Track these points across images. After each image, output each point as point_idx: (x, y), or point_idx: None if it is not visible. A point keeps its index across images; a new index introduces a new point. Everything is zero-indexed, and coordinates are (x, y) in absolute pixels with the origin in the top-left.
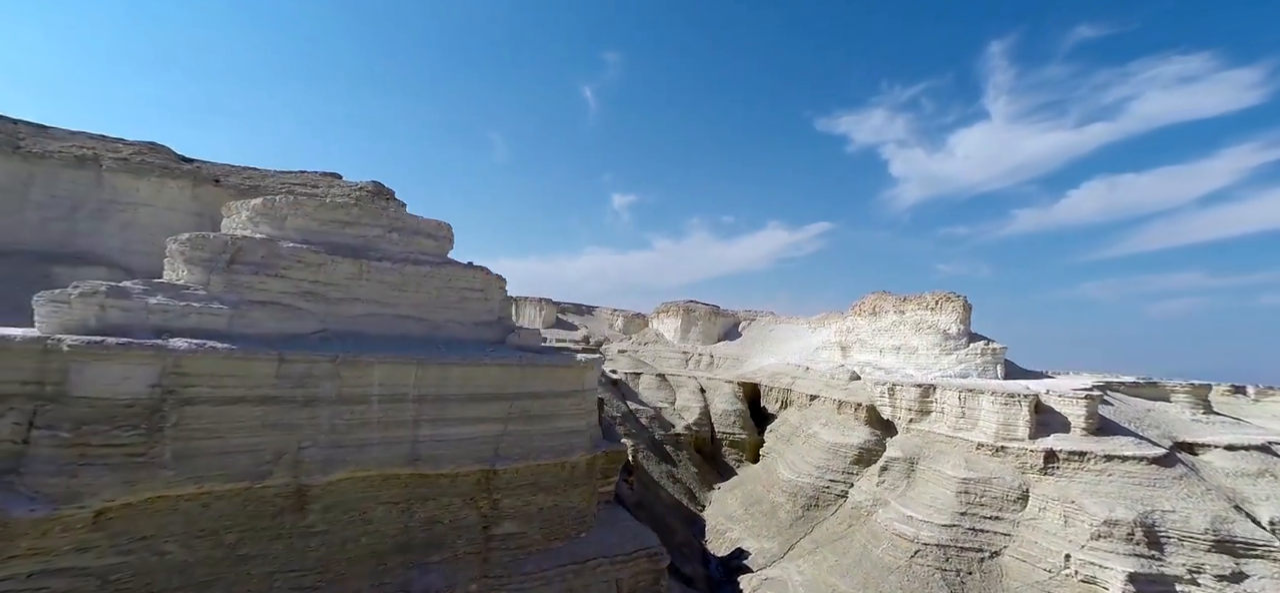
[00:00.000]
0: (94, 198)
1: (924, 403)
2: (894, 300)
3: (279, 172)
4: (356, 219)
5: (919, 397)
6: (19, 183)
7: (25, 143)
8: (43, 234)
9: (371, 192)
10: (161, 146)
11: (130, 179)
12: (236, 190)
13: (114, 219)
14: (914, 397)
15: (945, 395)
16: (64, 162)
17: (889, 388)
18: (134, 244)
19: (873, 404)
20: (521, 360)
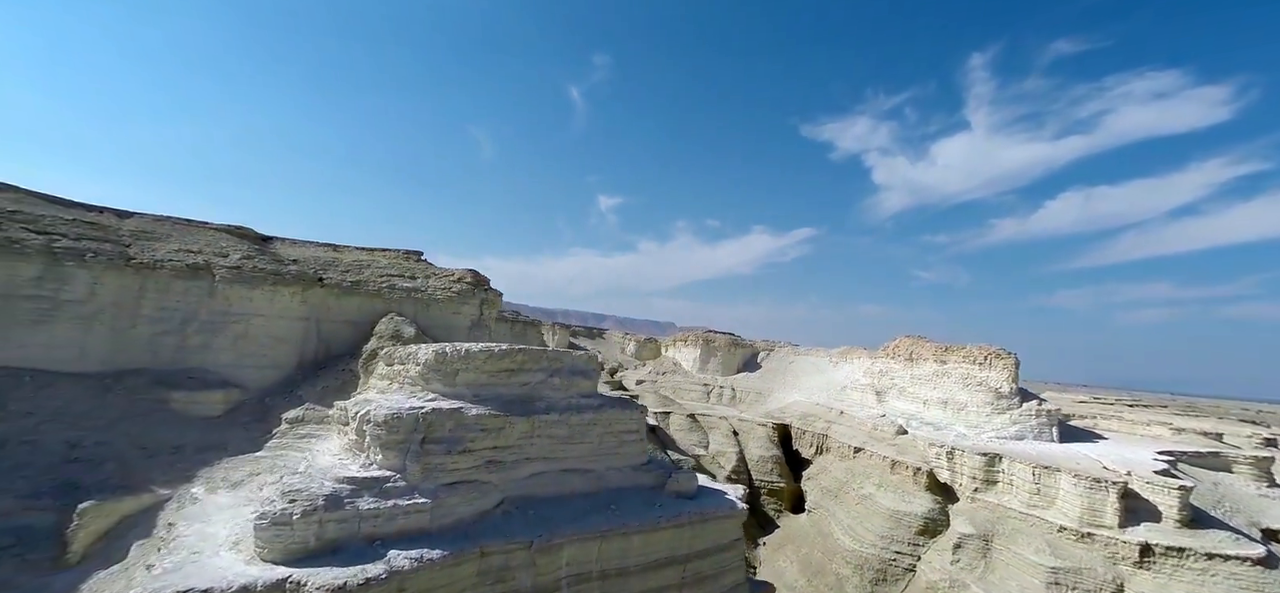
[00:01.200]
0: (206, 309)
1: (990, 472)
2: (933, 348)
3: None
4: (521, 365)
5: (984, 466)
6: (131, 297)
7: (134, 252)
8: (153, 351)
9: (471, 282)
10: (246, 229)
11: (244, 290)
12: (338, 289)
13: (226, 332)
14: (979, 465)
15: (1015, 468)
16: (175, 272)
17: (948, 452)
18: (246, 356)
19: (931, 469)
20: (691, 518)
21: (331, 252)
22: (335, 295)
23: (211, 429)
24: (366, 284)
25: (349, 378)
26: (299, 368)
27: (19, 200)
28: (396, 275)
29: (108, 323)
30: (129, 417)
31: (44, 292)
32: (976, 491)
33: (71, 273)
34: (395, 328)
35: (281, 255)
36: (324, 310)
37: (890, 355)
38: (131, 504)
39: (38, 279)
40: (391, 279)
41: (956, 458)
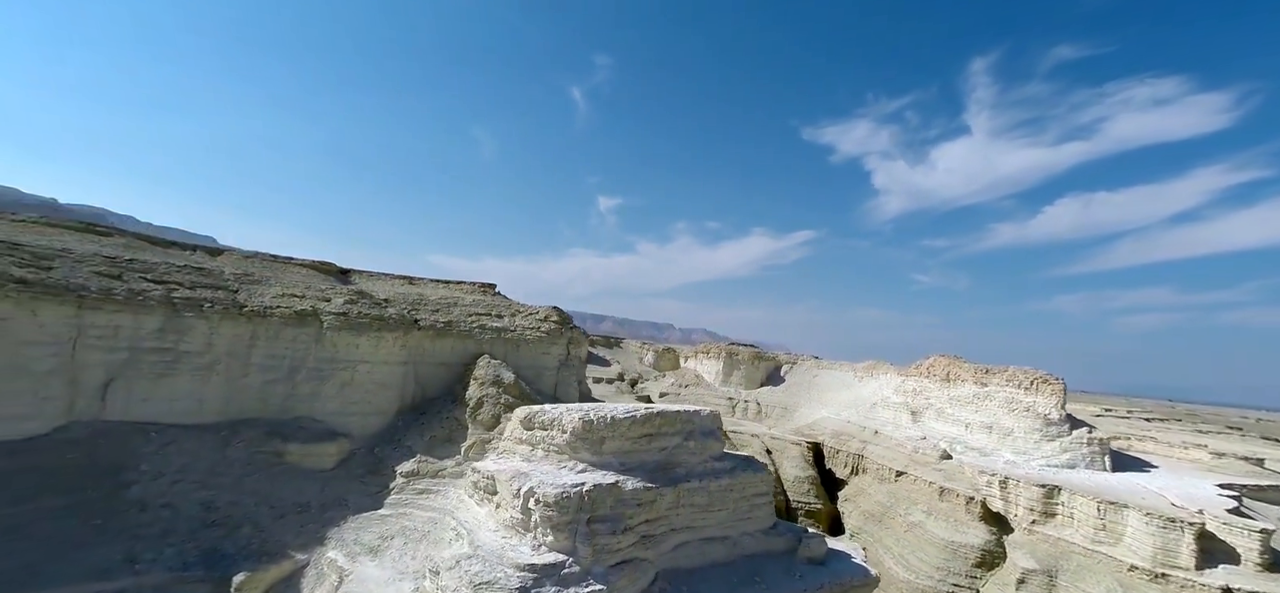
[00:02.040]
0: (313, 357)
1: (1048, 504)
2: (972, 370)
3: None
4: (659, 429)
5: (1042, 497)
6: (243, 346)
7: (243, 299)
8: (264, 399)
9: (557, 322)
10: (329, 264)
11: (351, 336)
12: (433, 331)
13: (333, 379)
14: (1036, 496)
15: (1077, 502)
16: (285, 320)
17: (1000, 480)
18: (351, 404)
19: (984, 499)
20: (831, 588)
21: (409, 285)
22: (430, 337)
23: (330, 483)
24: (457, 325)
25: (453, 426)
26: (400, 413)
27: (131, 246)
28: (484, 314)
29: (223, 373)
30: (252, 472)
31: (165, 344)
32: (1034, 523)
33: (191, 324)
34: (495, 373)
35: (370, 293)
36: (420, 353)
37: (924, 375)
38: (276, 573)
39: (159, 331)
40: (480, 319)
41: (1010, 488)
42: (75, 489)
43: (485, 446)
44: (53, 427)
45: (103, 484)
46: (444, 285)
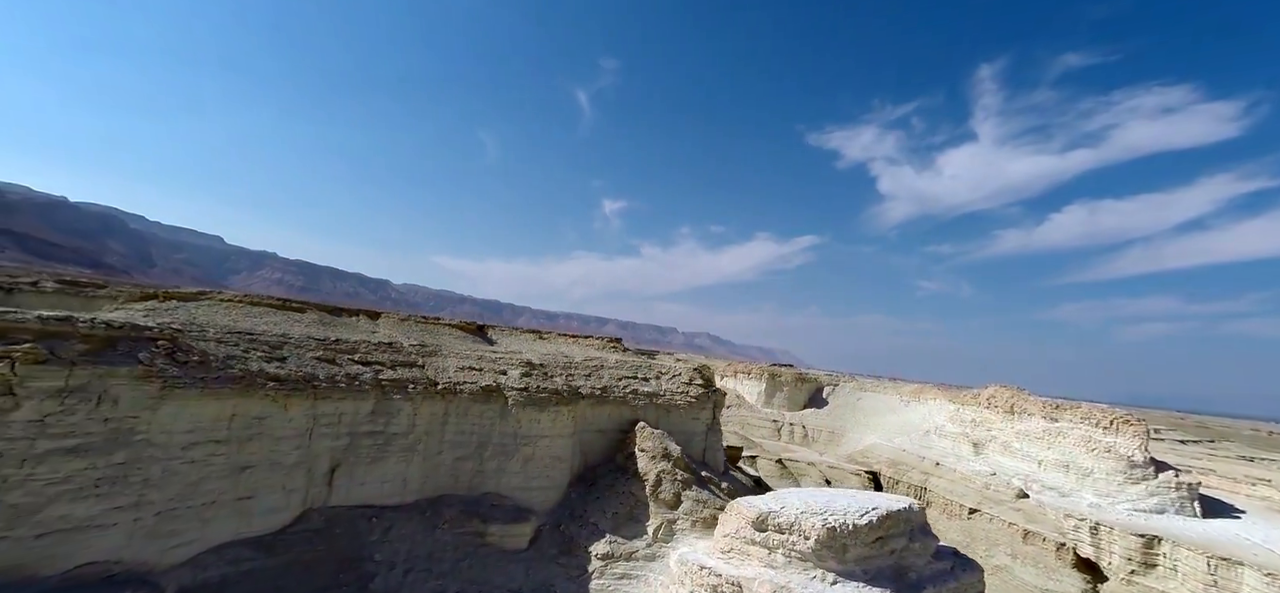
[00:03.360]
0: (498, 432)
1: (1148, 555)
2: (1040, 404)
3: (564, 336)
4: (888, 531)
5: (1141, 547)
6: (438, 424)
7: (432, 375)
8: (455, 476)
9: (703, 385)
10: (469, 323)
11: (533, 412)
12: (593, 399)
13: (517, 454)
14: (1134, 546)
15: (1181, 554)
16: (473, 397)
17: (1090, 526)
18: (532, 479)
19: (1074, 545)
20: None
21: (541, 340)
22: (591, 406)
23: (531, 566)
24: (611, 391)
25: (630, 502)
26: (571, 485)
27: (325, 323)
28: (631, 377)
29: (422, 452)
30: (464, 556)
31: (378, 427)
32: (1133, 573)
33: (398, 406)
34: (663, 445)
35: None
36: (583, 422)
37: (984, 405)
38: None
39: (372, 415)
40: (630, 383)
41: (1103, 534)
42: (330, 585)
43: (672, 527)
44: (294, 517)
45: (349, 575)
46: (574, 341)
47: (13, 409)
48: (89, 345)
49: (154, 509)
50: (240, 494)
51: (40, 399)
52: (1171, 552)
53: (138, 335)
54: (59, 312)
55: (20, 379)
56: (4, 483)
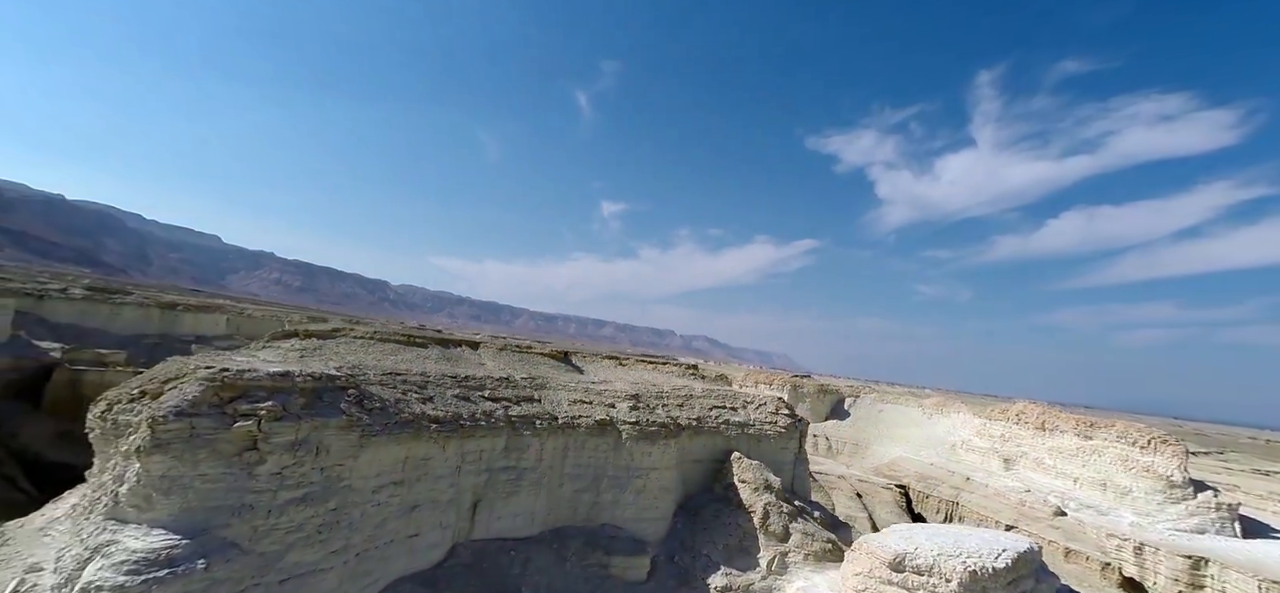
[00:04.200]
0: (612, 465)
1: (1196, 576)
2: (1073, 421)
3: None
4: (1020, 573)
5: (1188, 568)
6: (558, 458)
7: (550, 408)
8: (573, 508)
9: (790, 415)
10: (558, 352)
11: (645, 445)
12: (691, 431)
13: (630, 486)
14: (1181, 567)
15: (1230, 575)
16: (589, 431)
17: (1135, 546)
18: (645, 510)
19: (1119, 565)
20: None
21: (619, 365)
22: (690, 437)
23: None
24: (706, 422)
25: (738, 533)
26: (674, 516)
27: (448, 357)
28: (721, 407)
29: (546, 485)
30: (594, 589)
31: (510, 462)
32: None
33: (527, 441)
34: (763, 477)
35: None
36: (684, 453)
37: (1013, 420)
38: None
39: (505, 450)
40: (722, 413)
41: (1147, 554)
42: None
43: (784, 560)
44: (447, 552)
45: None
46: (653, 367)
47: (258, 463)
48: (304, 399)
49: (355, 552)
50: (410, 532)
51: (279, 453)
52: (1220, 574)
53: (332, 385)
54: (280, 366)
55: (264, 435)
56: (255, 533)
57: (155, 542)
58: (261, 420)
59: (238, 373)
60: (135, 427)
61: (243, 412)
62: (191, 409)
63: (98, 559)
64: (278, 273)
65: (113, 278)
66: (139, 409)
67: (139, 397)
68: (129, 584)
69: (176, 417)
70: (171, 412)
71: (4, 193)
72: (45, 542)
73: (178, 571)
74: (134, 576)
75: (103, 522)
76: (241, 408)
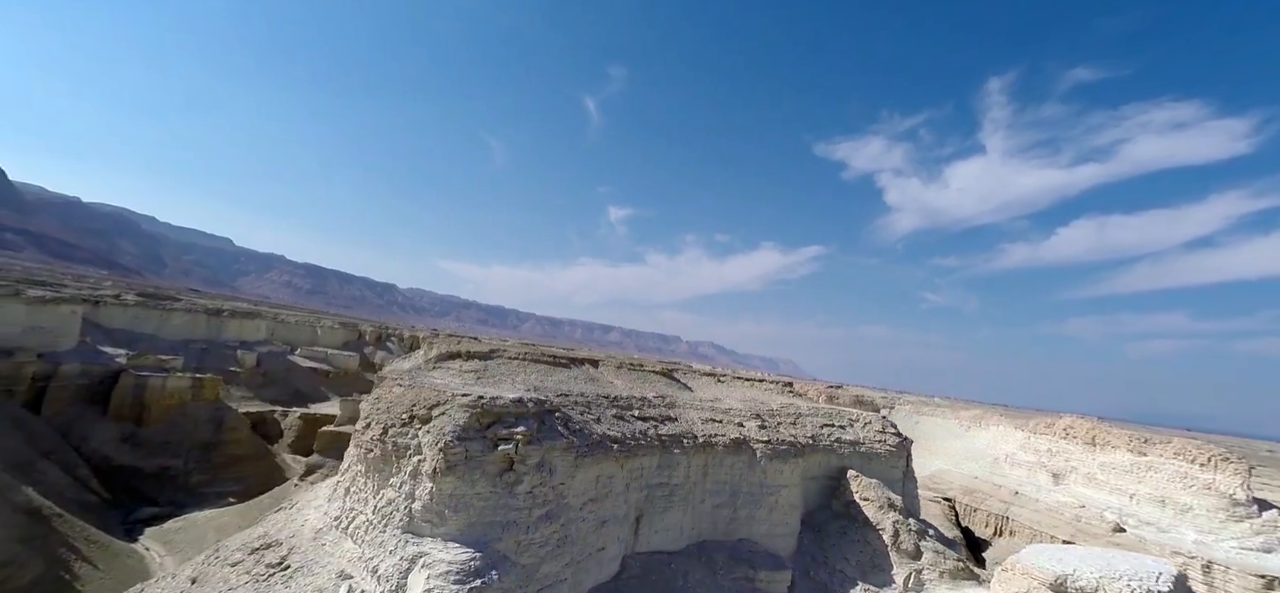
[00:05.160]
0: (747, 482)
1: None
2: (1126, 437)
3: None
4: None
5: (1261, 588)
6: (700, 474)
7: (691, 428)
8: (713, 523)
9: (896, 434)
10: (667, 374)
11: (778, 463)
12: (812, 449)
13: (763, 503)
14: (1255, 587)
15: None
16: (726, 450)
17: (1203, 564)
18: (777, 526)
19: None
20: None
21: (717, 382)
22: (810, 455)
23: None
24: (820, 440)
25: (866, 549)
26: (800, 533)
27: (596, 379)
28: (832, 426)
29: (691, 501)
30: None
31: (662, 479)
32: None
33: (677, 460)
34: (886, 495)
35: None
36: (805, 471)
37: (1061, 435)
38: None
39: (659, 468)
40: (834, 432)
41: (1217, 573)
42: None
43: (919, 577)
44: (620, 565)
45: None
46: (749, 383)
47: (515, 483)
48: (539, 424)
49: (575, 564)
50: (599, 546)
51: (531, 473)
52: None
53: (545, 409)
54: (514, 393)
55: (521, 457)
56: (518, 546)
57: (456, 554)
58: (518, 444)
59: (492, 400)
60: (414, 449)
61: (501, 436)
62: (465, 435)
63: (421, 569)
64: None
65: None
66: (412, 433)
67: (409, 421)
68: (463, 590)
69: (458, 441)
70: (454, 437)
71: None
72: (328, 551)
73: (489, 580)
74: (460, 584)
75: (401, 535)
76: (500, 433)
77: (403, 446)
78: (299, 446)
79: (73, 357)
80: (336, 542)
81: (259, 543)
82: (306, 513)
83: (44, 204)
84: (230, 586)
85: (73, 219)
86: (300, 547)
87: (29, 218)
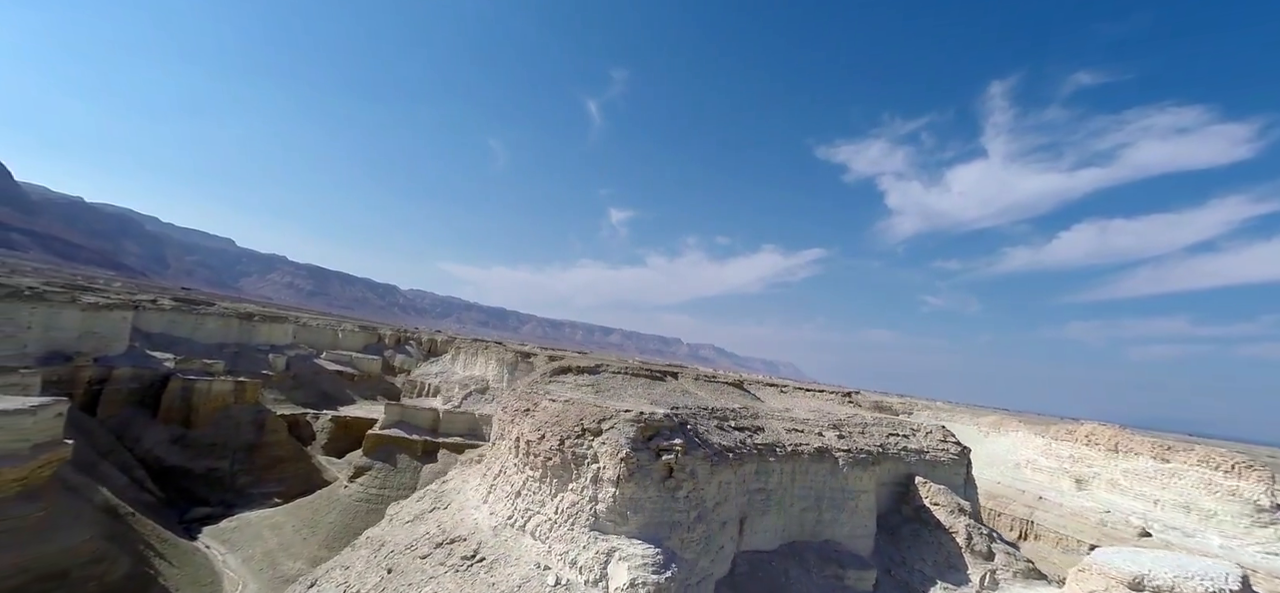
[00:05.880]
0: (830, 488)
1: None
2: (1147, 444)
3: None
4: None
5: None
6: (789, 481)
7: (774, 437)
8: (801, 525)
9: (957, 443)
10: (741, 387)
11: (858, 471)
12: (884, 456)
13: (846, 507)
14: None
15: None
16: (811, 458)
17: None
18: (857, 528)
19: None
20: None
21: (781, 393)
22: (882, 462)
23: None
24: (889, 449)
25: (941, 551)
26: (876, 535)
27: (690, 393)
28: (897, 435)
29: (783, 505)
30: None
31: (760, 484)
32: None
33: (773, 467)
34: (955, 501)
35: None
36: (878, 477)
37: (1082, 441)
38: None
39: (757, 473)
40: (900, 441)
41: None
42: None
43: (994, 577)
44: (732, 562)
45: None
46: (811, 394)
47: (676, 488)
48: (684, 436)
49: (713, 562)
50: (721, 545)
51: (687, 479)
52: None
53: (680, 424)
54: (637, 405)
55: (681, 466)
56: (682, 544)
57: (643, 549)
58: (677, 454)
59: (650, 415)
60: (591, 458)
61: (662, 447)
62: (636, 445)
63: (619, 561)
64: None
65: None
66: (587, 444)
67: (582, 434)
68: (659, 580)
69: (634, 451)
70: (630, 448)
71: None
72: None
73: (672, 572)
74: (656, 574)
75: (590, 532)
76: (661, 444)
77: (580, 455)
78: (332, 448)
79: (124, 360)
80: (516, 538)
81: (443, 538)
82: (470, 513)
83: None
84: (429, 575)
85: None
86: (486, 541)
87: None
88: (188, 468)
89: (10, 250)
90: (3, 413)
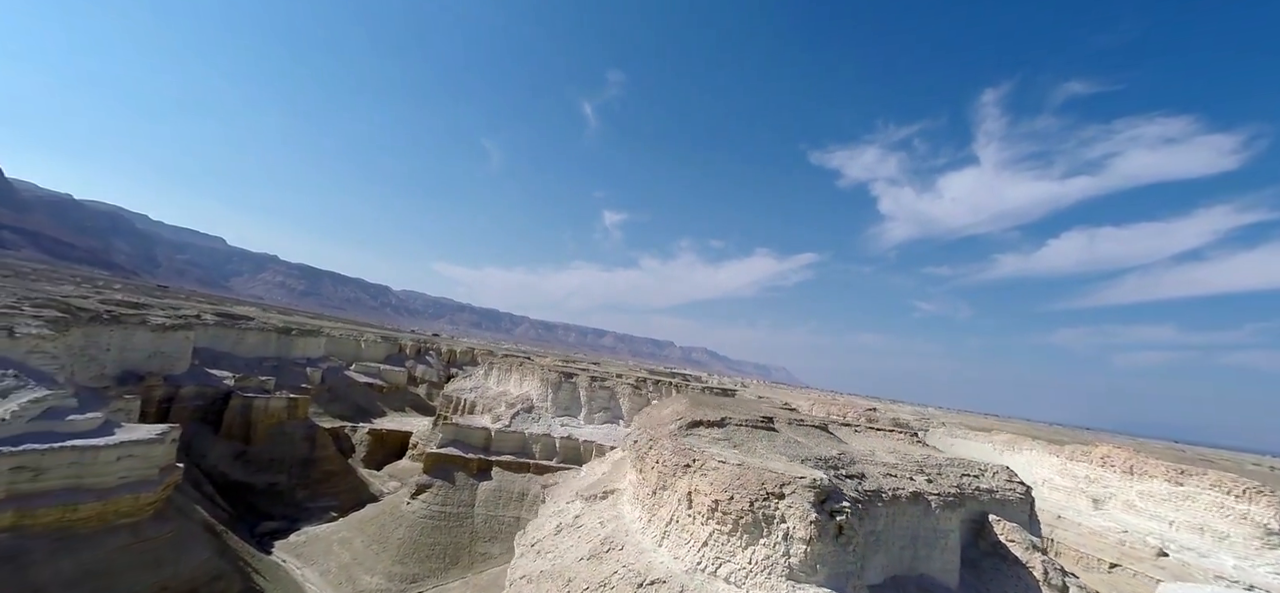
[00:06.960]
0: (923, 528)
1: None
2: (1162, 467)
3: (875, 430)
4: None
5: None
6: (890, 522)
7: (873, 482)
8: (899, 560)
9: (1022, 483)
10: (823, 430)
11: (948, 512)
12: (970, 496)
13: (938, 545)
14: None
15: None
16: (908, 501)
17: (1247, 587)
18: (947, 564)
19: None
20: None
21: (855, 434)
22: (966, 503)
23: None
24: (965, 489)
25: (1024, 586)
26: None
27: (805, 432)
28: (969, 476)
29: (887, 544)
30: None
31: (871, 527)
32: None
33: (879, 510)
34: (1029, 538)
35: None
36: (961, 517)
37: (1098, 463)
38: None
39: (867, 517)
40: (973, 482)
41: None
42: None
43: None
44: None
45: None
46: (879, 434)
47: (846, 543)
48: (846, 501)
49: None
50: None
51: (856, 536)
52: None
53: (833, 488)
54: (788, 466)
55: (851, 525)
56: (855, 591)
57: None
58: (847, 514)
59: (820, 481)
60: (779, 518)
61: (835, 509)
62: (816, 508)
63: None
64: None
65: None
66: (773, 506)
67: (768, 497)
68: None
69: (818, 512)
70: (814, 510)
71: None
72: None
73: None
74: None
75: (786, 581)
76: (834, 506)
77: (769, 515)
78: (370, 460)
79: (188, 379)
80: (709, 581)
81: (640, 580)
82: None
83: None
84: None
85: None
86: (687, 586)
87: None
88: (250, 483)
89: (2, 249)
90: (138, 442)
